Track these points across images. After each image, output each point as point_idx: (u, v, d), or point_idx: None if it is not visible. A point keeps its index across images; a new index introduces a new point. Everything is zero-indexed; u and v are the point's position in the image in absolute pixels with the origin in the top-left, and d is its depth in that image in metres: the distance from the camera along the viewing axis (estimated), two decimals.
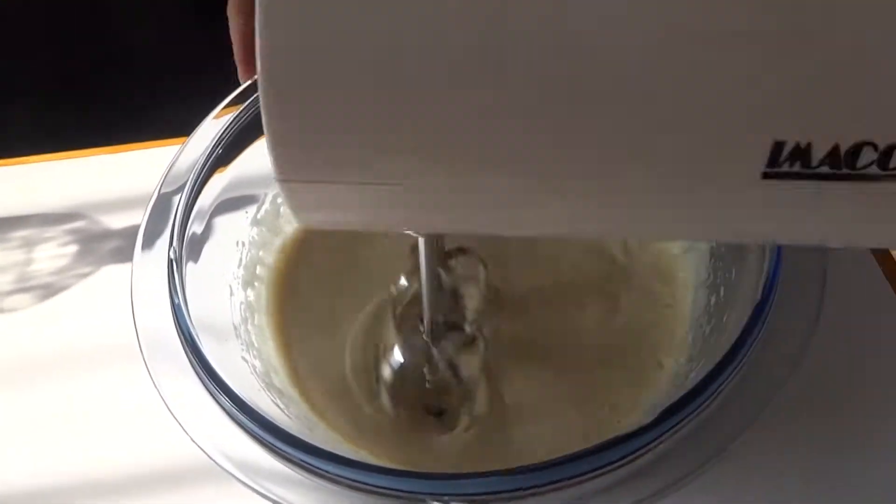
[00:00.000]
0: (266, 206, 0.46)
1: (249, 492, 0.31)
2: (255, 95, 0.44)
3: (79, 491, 0.41)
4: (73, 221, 0.55)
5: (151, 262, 0.38)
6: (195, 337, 0.34)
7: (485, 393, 0.39)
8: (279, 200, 0.47)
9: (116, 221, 0.54)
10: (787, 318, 0.33)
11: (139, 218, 0.40)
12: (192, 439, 0.32)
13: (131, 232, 0.42)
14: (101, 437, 0.43)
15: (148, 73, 0.47)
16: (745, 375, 0.31)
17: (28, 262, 0.53)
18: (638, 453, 0.29)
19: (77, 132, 0.61)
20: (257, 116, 0.43)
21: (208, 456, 0.32)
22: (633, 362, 0.40)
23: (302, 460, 0.30)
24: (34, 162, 0.59)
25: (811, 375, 0.40)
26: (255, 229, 0.45)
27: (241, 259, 0.44)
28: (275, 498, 0.31)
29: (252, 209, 0.45)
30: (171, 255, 0.37)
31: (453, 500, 0.29)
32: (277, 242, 0.47)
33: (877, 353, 0.43)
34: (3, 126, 0.67)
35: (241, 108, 0.43)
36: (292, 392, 0.41)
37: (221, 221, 0.42)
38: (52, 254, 0.53)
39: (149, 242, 0.39)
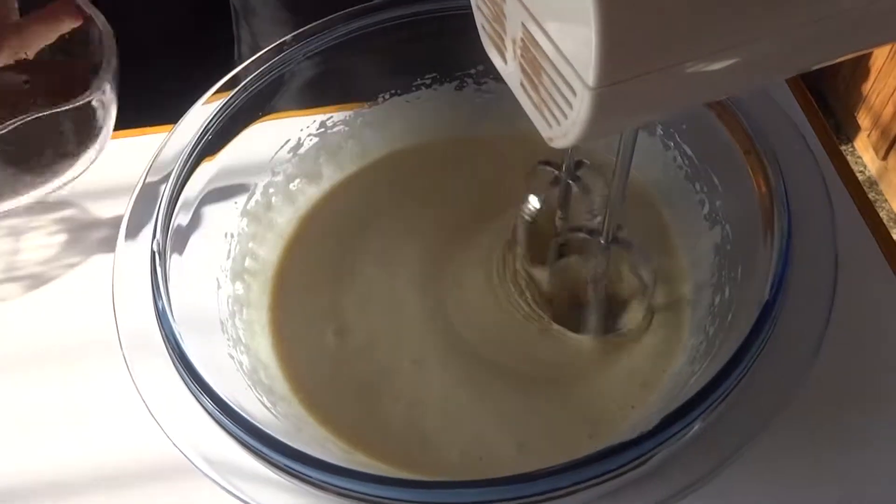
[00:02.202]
0: (257, 196, 0.45)
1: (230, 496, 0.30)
2: (245, 81, 0.43)
3: (55, 484, 0.40)
4: (61, 210, 0.54)
5: (135, 254, 0.37)
6: (179, 339, 0.32)
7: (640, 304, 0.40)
8: (270, 191, 0.46)
9: (105, 211, 0.53)
10: (797, 320, 0.31)
11: (127, 209, 0.39)
12: (172, 442, 0.31)
13: (120, 221, 0.41)
14: (84, 431, 0.42)
15: (138, 61, 0.45)
16: (751, 381, 0.29)
17: (15, 251, 0.52)
18: (637, 462, 0.27)
19: None
20: (248, 102, 0.43)
21: (189, 460, 0.30)
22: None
23: (286, 465, 0.28)
24: None
25: (821, 377, 0.39)
26: (244, 220, 0.44)
27: (229, 251, 0.42)
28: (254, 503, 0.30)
29: (242, 199, 0.44)
30: (155, 248, 0.35)
31: None
32: (270, 235, 0.46)
33: (883, 343, 0.41)
34: None
35: (232, 94, 0.42)
36: (282, 389, 0.39)
37: (209, 212, 0.41)
38: (40, 243, 0.52)
39: (133, 233, 0.38)
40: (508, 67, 0.27)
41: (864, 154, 1.53)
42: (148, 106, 0.58)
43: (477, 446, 0.37)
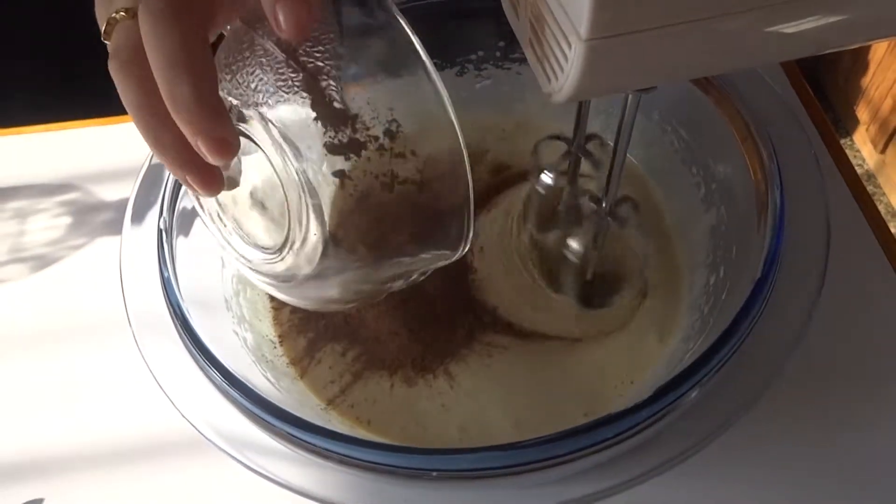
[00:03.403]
0: None
1: (239, 465, 0.31)
2: None
3: (67, 462, 0.41)
4: (66, 193, 0.54)
5: (141, 235, 0.38)
6: (185, 311, 0.33)
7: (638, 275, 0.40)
8: None
9: (110, 193, 0.53)
10: (789, 297, 0.32)
11: (133, 190, 0.40)
12: (181, 413, 0.32)
13: (125, 204, 0.41)
14: (91, 408, 0.43)
15: None
16: (743, 355, 0.30)
17: (21, 233, 0.53)
18: (632, 431, 0.28)
19: (71, 104, 0.60)
20: None
21: (197, 430, 0.31)
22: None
23: (291, 434, 0.29)
24: (27, 133, 0.58)
25: (814, 355, 0.40)
26: None
27: None
28: (264, 472, 0.31)
29: None
30: (161, 226, 0.36)
31: (446, 476, 0.28)
32: None
33: (878, 333, 0.42)
34: (2, 100, 0.66)
35: None
36: (284, 366, 0.40)
37: None
38: (46, 225, 0.53)
39: (139, 215, 0.39)
40: (520, 25, 0.28)
41: (863, 148, 1.54)
42: None
43: (475, 424, 0.38)
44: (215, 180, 0.28)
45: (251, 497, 0.38)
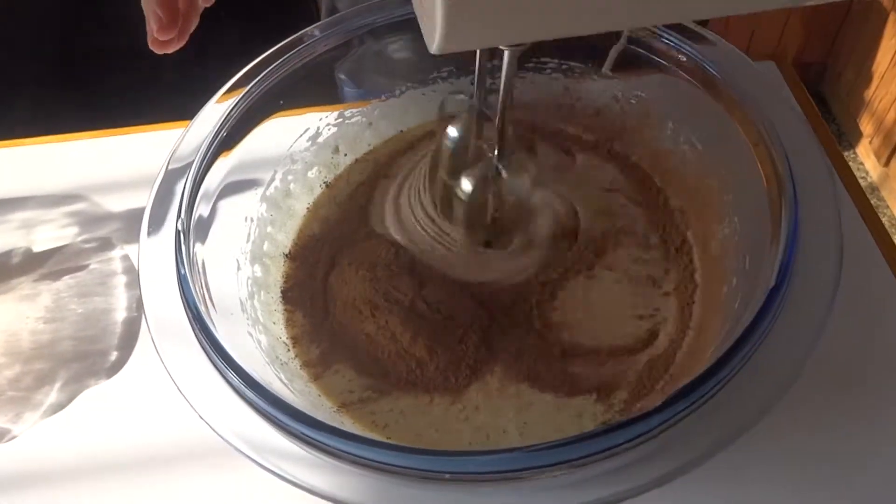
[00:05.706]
0: (276, 183, 0.46)
1: (256, 467, 0.31)
2: (257, 79, 0.43)
3: (89, 468, 0.41)
4: (72, 204, 0.54)
5: (158, 242, 0.38)
6: (200, 309, 0.33)
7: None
8: (289, 178, 0.47)
9: (116, 203, 0.53)
10: (802, 306, 0.32)
11: (139, 200, 0.40)
12: (199, 416, 0.32)
13: (131, 214, 0.41)
14: (109, 414, 0.43)
15: (149, 59, 0.46)
16: (756, 363, 0.30)
17: (28, 243, 0.52)
18: (644, 437, 0.28)
19: (78, 115, 0.61)
20: (261, 98, 0.43)
21: (215, 432, 0.31)
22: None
23: (305, 434, 0.29)
24: (34, 144, 0.58)
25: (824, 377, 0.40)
26: (263, 205, 0.45)
27: (249, 234, 0.43)
28: (282, 473, 0.31)
29: (260, 189, 0.45)
30: (179, 227, 0.36)
31: (458, 478, 0.29)
32: (288, 221, 0.47)
33: (885, 343, 0.42)
34: (5, 109, 0.66)
35: (244, 92, 0.43)
36: (298, 368, 0.40)
37: (228, 202, 0.42)
38: (52, 235, 0.52)
39: (155, 222, 0.39)
40: None
41: (866, 160, 1.54)
42: (153, 96, 0.57)
43: (485, 429, 0.38)
44: None
45: (267, 499, 0.38)
